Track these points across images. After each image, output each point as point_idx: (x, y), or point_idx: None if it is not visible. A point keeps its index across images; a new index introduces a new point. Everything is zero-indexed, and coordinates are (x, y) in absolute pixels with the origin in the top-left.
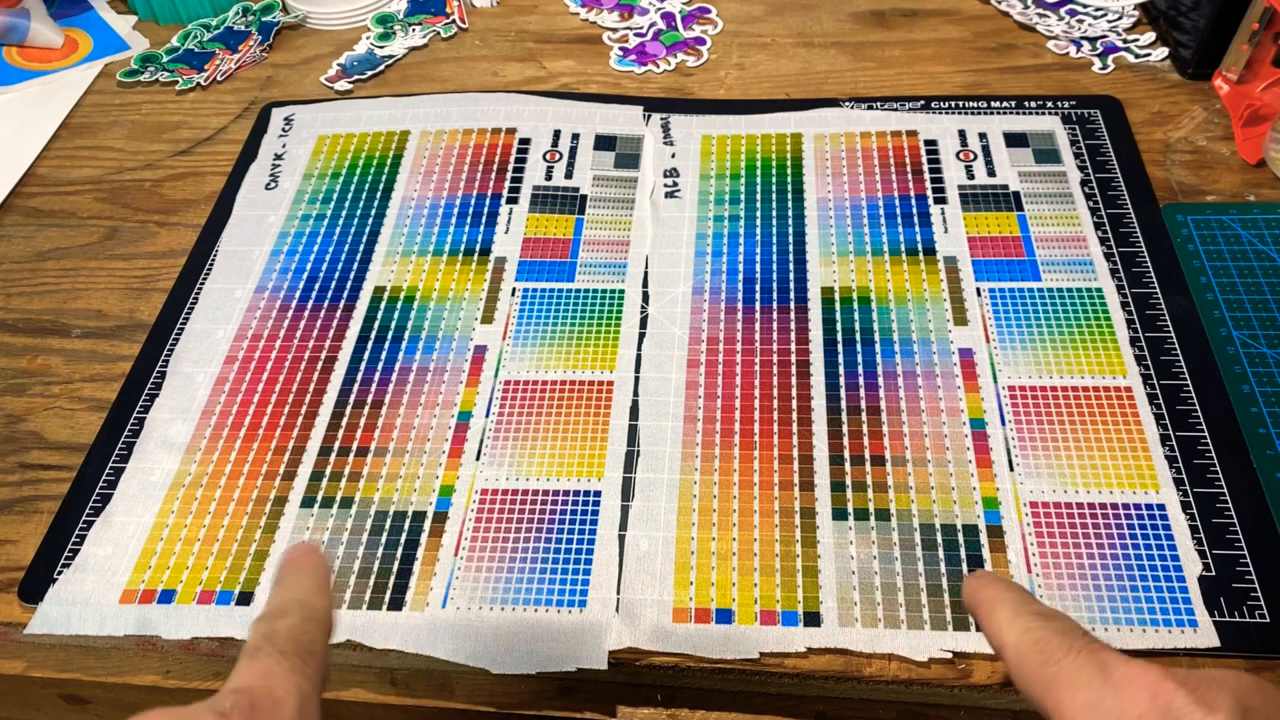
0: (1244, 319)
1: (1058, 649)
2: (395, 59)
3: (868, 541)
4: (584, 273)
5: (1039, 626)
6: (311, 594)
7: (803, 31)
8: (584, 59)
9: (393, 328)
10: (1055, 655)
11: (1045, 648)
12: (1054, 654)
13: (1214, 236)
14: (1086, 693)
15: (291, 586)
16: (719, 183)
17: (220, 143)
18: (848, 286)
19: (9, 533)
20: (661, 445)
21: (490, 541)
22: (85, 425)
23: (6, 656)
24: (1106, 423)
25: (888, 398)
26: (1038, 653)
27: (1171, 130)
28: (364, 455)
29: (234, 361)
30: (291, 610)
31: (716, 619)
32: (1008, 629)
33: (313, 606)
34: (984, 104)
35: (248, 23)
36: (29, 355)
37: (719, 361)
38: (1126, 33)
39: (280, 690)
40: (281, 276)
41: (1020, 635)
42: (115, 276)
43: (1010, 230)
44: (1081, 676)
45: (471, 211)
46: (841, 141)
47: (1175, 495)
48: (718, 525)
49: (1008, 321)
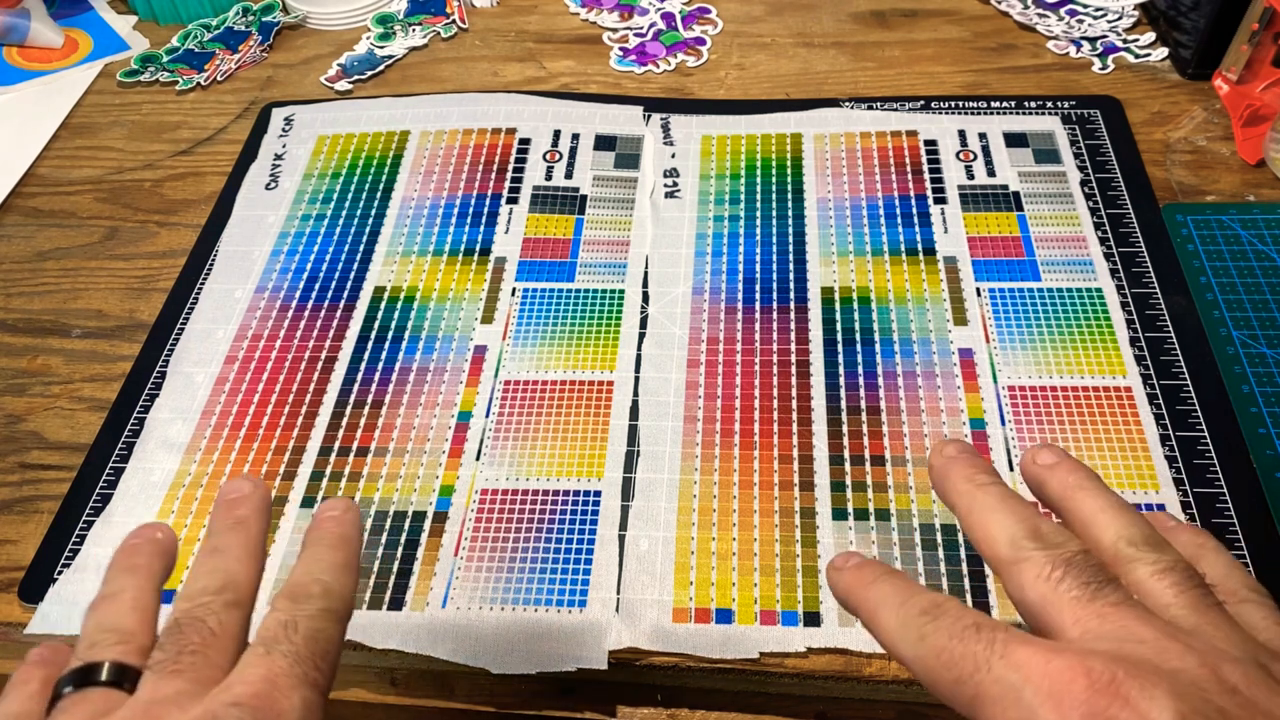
0: (1244, 319)
1: (963, 660)
2: (395, 59)
3: (868, 541)
4: (584, 273)
5: (932, 631)
6: (337, 573)
7: (803, 31)
8: (584, 59)
9: (393, 328)
10: (965, 670)
11: (951, 662)
12: (963, 668)
13: (1214, 236)
14: (1016, 711)
15: (317, 560)
16: (719, 183)
17: (220, 143)
18: (848, 286)
19: (9, 533)
20: (661, 445)
21: (490, 541)
22: (85, 425)
23: (6, 656)
24: (1106, 423)
25: (888, 398)
26: (944, 668)
27: (1171, 130)
28: (364, 455)
29: (234, 361)
30: (313, 595)
31: (716, 619)
32: (900, 642)
33: (335, 593)
34: (984, 104)
35: (248, 23)
36: (29, 355)
37: (719, 361)
38: (1126, 33)
39: (285, 702)
40: (281, 276)
41: (915, 646)
42: (115, 276)
43: (1010, 230)
44: (1004, 693)
45: (471, 211)
46: (841, 141)
47: (1175, 495)
48: (718, 525)
49: (1008, 321)
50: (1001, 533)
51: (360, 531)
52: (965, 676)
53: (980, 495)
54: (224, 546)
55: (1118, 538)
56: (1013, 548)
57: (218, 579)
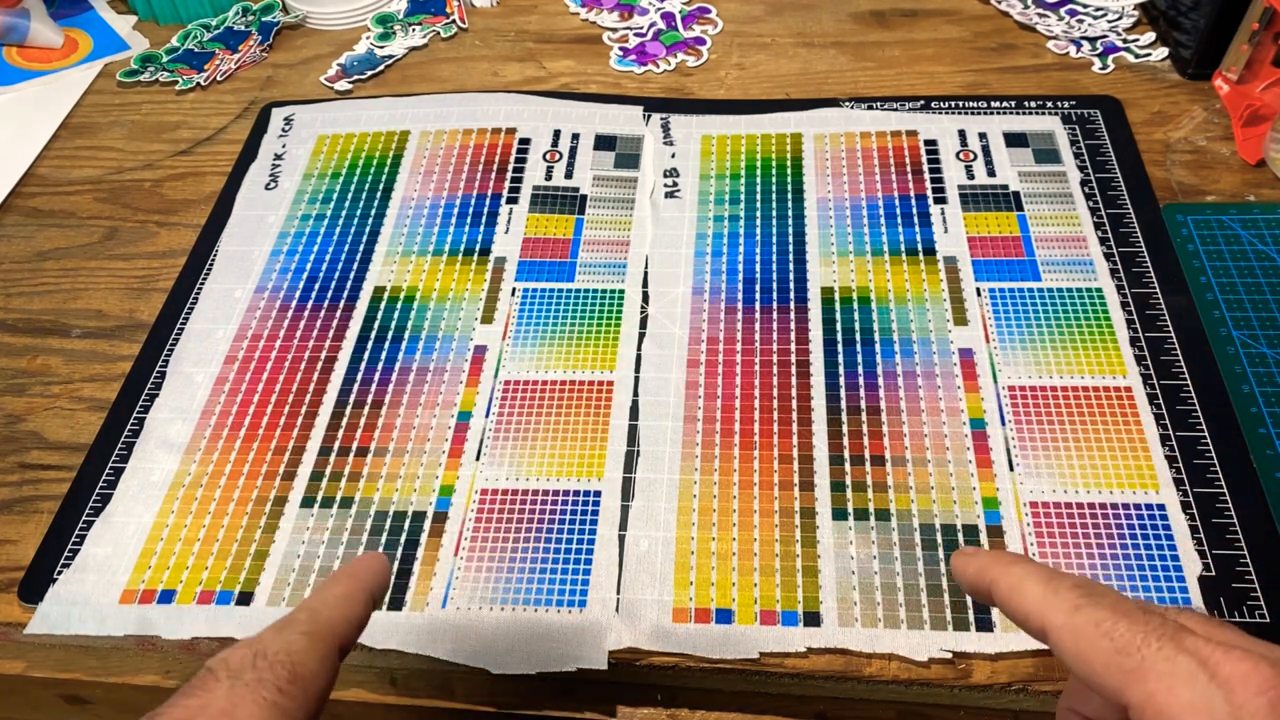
0: (1244, 319)
1: (1130, 634)
2: (395, 59)
3: (868, 541)
4: (584, 273)
5: (1089, 604)
6: (331, 605)
7: (803, 31)
8: (584, 59)
9: (393, 328)
10: (1132, 642)
11: (1114, 633)
12: (1129, 640)
13: (1214, 236)
14: (1189, 691)
15: (318, 591)
16: (719, 183)
17: (220, 143)
18: (848, 286)
19: (9, 533)
20: (661, 445)
21: (490, 541)
22: (85, 425)
23: (6, 656)
24: (1106, 423)
25: (888, 398)
26: (1104, 639)
27: (1171, 130)
28: (364, 455)
29: (234, 361)
30: (297, 620)
31: (716, 619)
32: (1050, 609)
33: (321, 617)
34: (984, 104)
35: (248, 23)
36: (29, 355)
37: (719, 361)
38: (1126, 33)
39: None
40: (281, 276)
41: (1070, 616)
42: (115, 276)
43: (1010, 230)
44: (1178, 672)
45: (471, 211)
46: (841, 141)
47: (1175, 495)
48: (718, 525)
49: (1008, 321)
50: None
51: (381, 573)
52: (1129, 648)
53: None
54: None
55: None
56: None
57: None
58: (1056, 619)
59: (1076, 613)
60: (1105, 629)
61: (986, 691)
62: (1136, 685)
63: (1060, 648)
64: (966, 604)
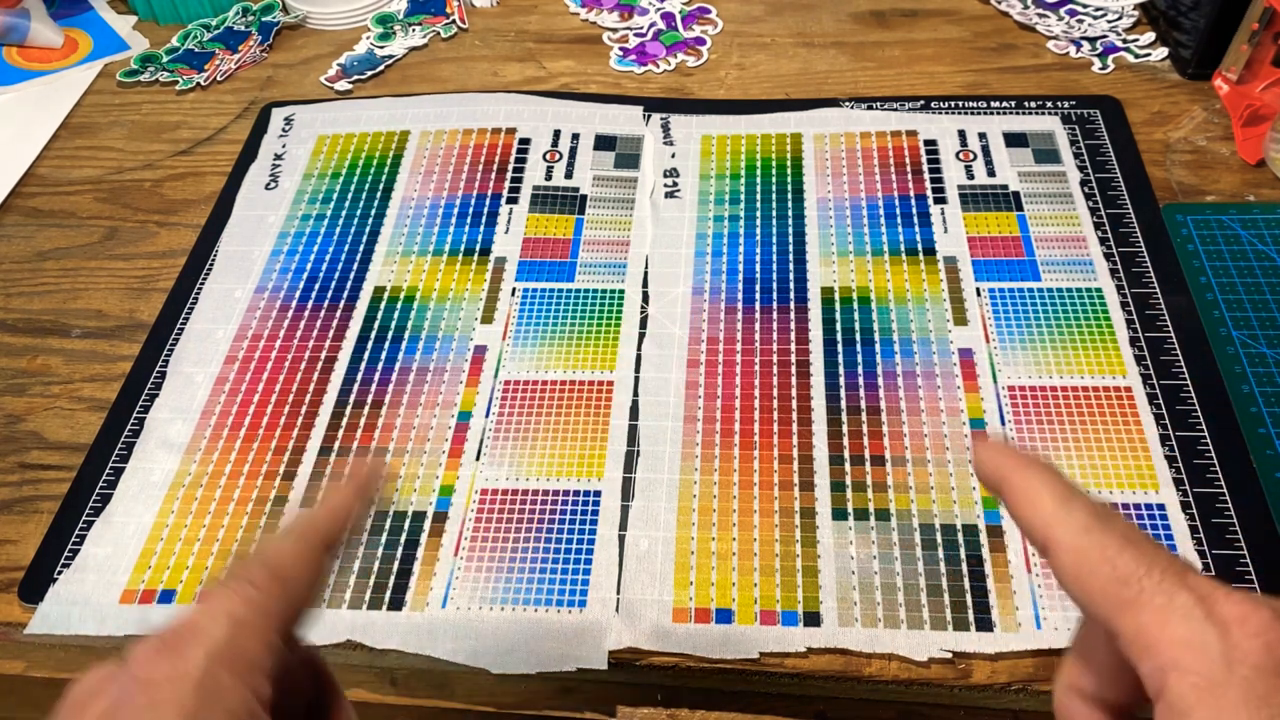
0: (1244, 319)
1: (1133, 563)
2: (395, 59)
3: (867, 541)
4: (584, 273)
5: (1099, 528)
6: (319, 505)
7: (803, 31)
8: (584, 59)
9: (393, 328)
10: (1135, 572)
11: (1116, 560)
12: (1131, 570)
13: (1214, 236)
14: (1184, 628)
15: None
16: (719, 183)
17: (220, 143)
18: (848, 286)
19: (9, 533)
20: (661, 445)
21: (490, 541)
22: (85, 425)
23: (6, 656)
24: (1106, 423)
25: (888, 398)
26: (1107, 565)
27: (1171, 130)
28: (364, 455)
29: (234, 361)
30: (288, 529)
31: (716, 619)
32: (1059, 524)
33: (305, 519)
34: (984, 104)
35: (248, 23)
36: (29, 355)
37: (719, 361)
38: (1126, 33)
39: (205, 618)
40: (281, 276)
41: (1078, 536)
42: (115, 276)
43: (1010, 230)
44: (1174, 606)
45: (471, 211)
46: (841, 141)
47: (1175, 495)
48: (718, 525)
49: (1007, 321)
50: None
51: (372, 472)
52: (1130, 578)
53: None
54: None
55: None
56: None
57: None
58: (1064, 537)
59: (1084, 534)
60: (1109, 555)
61: (986, 691)
62: (1130, 615)
63: (1060, 566)
64: (967, 604)
